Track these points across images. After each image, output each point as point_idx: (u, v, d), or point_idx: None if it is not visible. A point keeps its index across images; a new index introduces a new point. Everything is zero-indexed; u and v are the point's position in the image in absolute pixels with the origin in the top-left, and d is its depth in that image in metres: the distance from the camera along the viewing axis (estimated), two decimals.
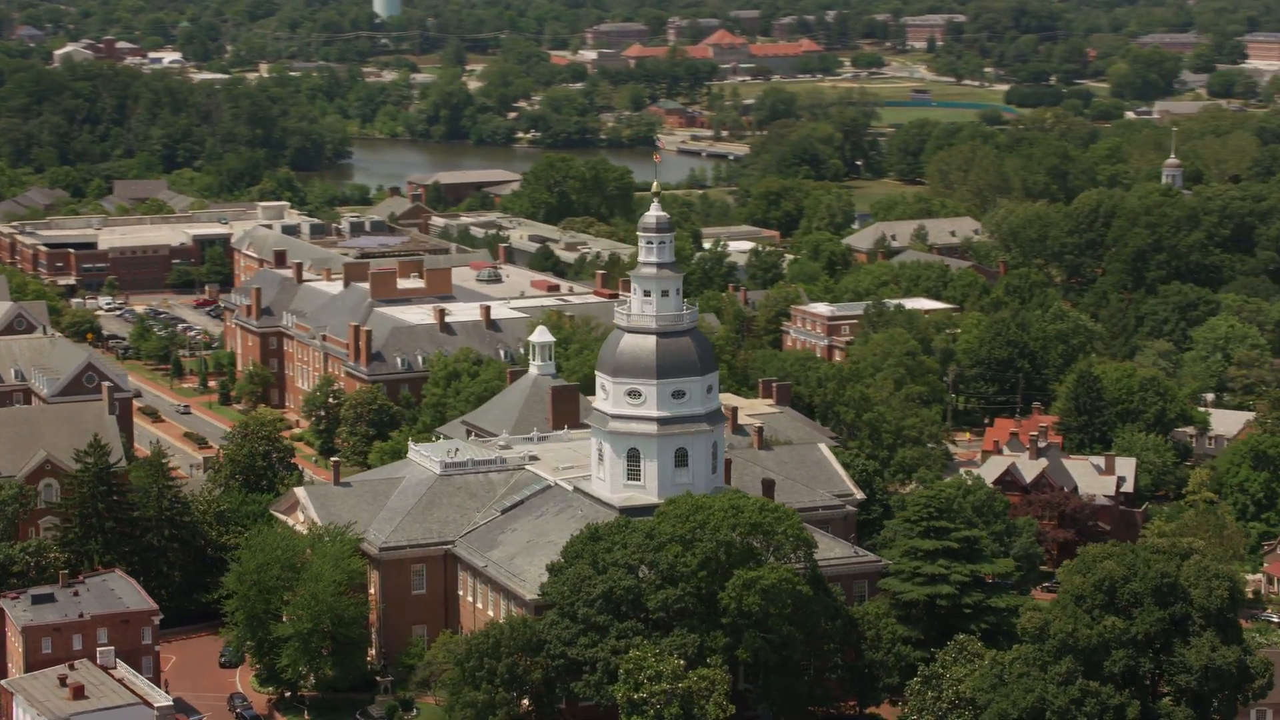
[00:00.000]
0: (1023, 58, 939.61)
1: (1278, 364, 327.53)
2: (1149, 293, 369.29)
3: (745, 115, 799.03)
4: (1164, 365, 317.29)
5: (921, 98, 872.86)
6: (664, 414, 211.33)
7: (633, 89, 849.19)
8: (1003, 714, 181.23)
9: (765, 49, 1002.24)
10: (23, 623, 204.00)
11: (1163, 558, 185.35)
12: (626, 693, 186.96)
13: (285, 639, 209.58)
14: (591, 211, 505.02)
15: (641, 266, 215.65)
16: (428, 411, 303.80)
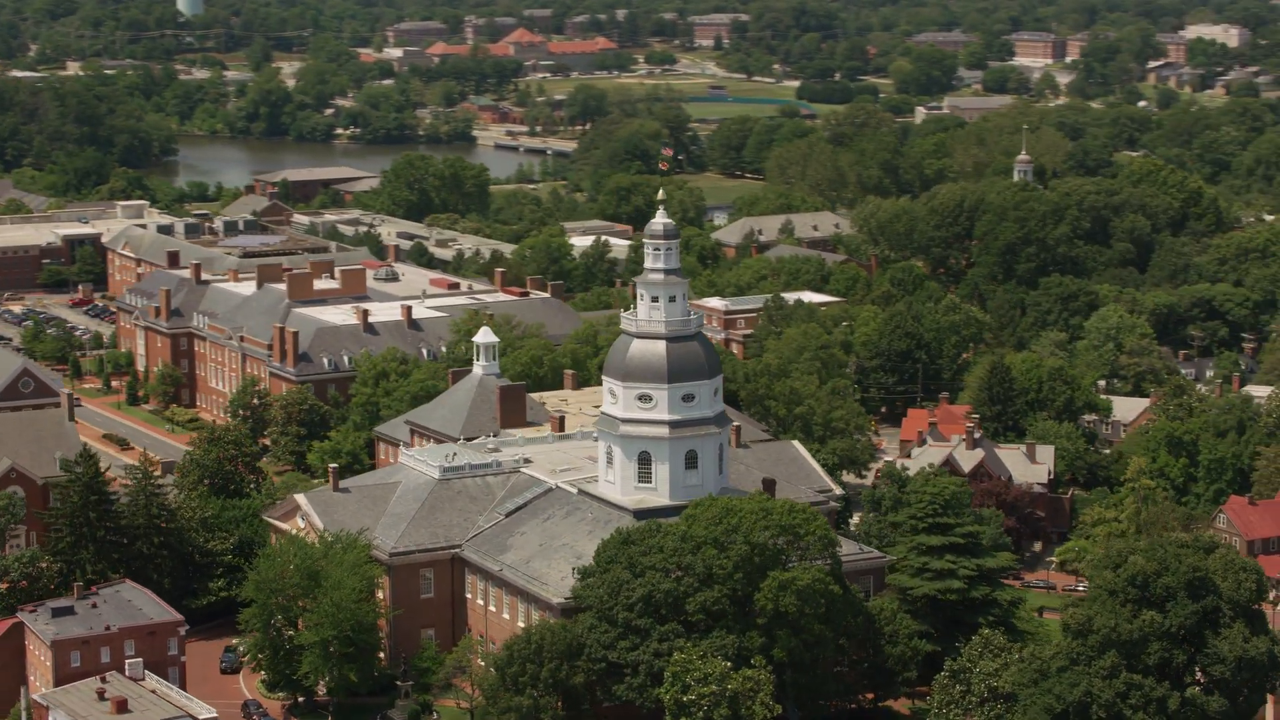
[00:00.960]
0: (808, 55, 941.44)
1: (1164, 352, 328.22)
2: (1020, 284, 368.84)
3: (558, 110, 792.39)
4: (1060, 355, 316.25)
5: (718, 93, 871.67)
6: (675, 417, 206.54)
7: (445, 86, 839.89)
8: (1048, 708, 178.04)
9: (563, 47, 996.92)
10: (52, 636, 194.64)
11: (1190, 552, 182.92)
12: (674, 695, 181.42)
13: (307, 646, 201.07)
14: (450, 208, 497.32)
15: (649, 273, 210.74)
16: (357, 411, 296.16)
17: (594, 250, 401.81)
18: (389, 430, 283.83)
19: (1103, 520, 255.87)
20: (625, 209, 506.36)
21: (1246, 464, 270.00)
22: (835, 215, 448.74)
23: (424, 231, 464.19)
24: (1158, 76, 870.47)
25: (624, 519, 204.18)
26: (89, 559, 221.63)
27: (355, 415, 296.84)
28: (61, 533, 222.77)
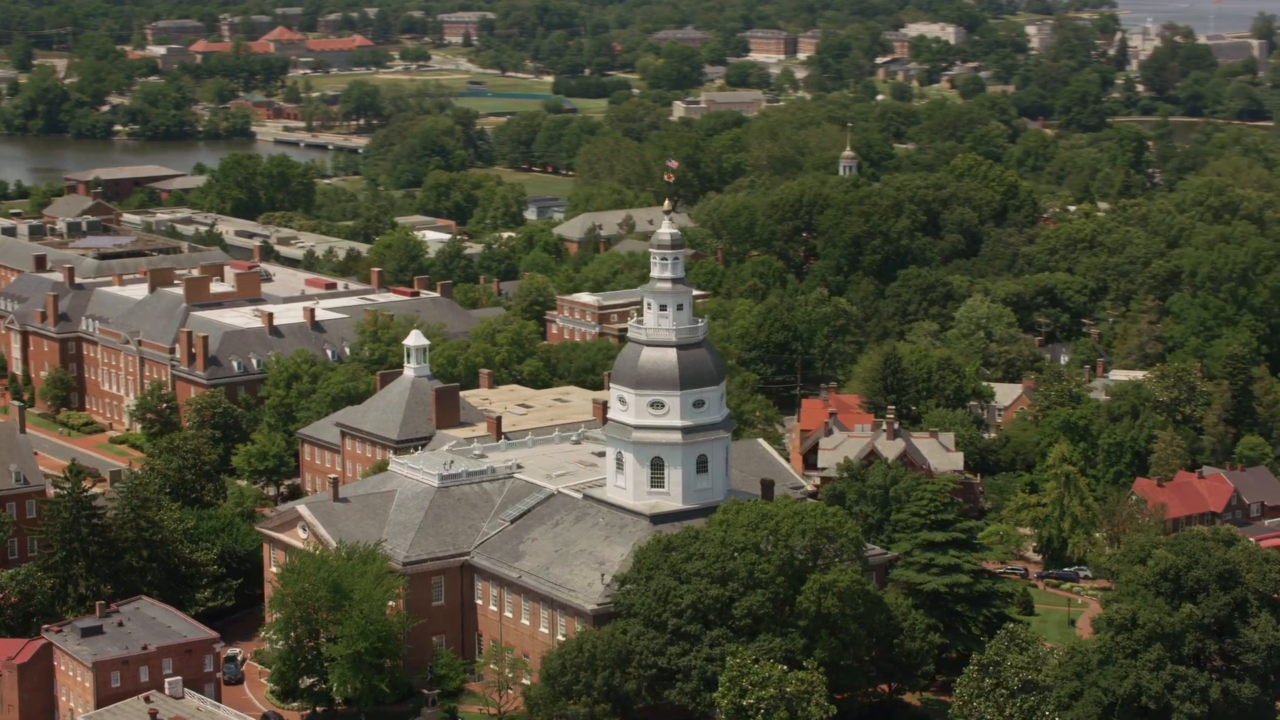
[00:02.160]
0: (557, 52, 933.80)
1: (1029, 339, 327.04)
2: (867, 276, 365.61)
3: (332, 105, 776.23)
4: (937, 345, 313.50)
5: (478, 89, 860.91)
6: (687, 423, 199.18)
7: (217, 83, 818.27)
8: (1098, 701, 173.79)
9: (322, 44, 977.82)
10: (92, 657, 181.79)
11: (1215, 545, 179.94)
12: (732, 699, 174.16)
13: (336, 658, 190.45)
14: (277, 206, 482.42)
15: (656, 282, 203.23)
16: (271, 414, 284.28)
17: (450, 248, 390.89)
18: (315, 432, 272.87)
19: (1027, 505, 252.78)
20: (445, 204, 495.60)
21: (1143, 447, 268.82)
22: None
23: (262, 230, 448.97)
24: (886, 71, 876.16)
25: (639, 524, 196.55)
26: (81, 574, 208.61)
27: (269, 418, 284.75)
28: (53, 548, 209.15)
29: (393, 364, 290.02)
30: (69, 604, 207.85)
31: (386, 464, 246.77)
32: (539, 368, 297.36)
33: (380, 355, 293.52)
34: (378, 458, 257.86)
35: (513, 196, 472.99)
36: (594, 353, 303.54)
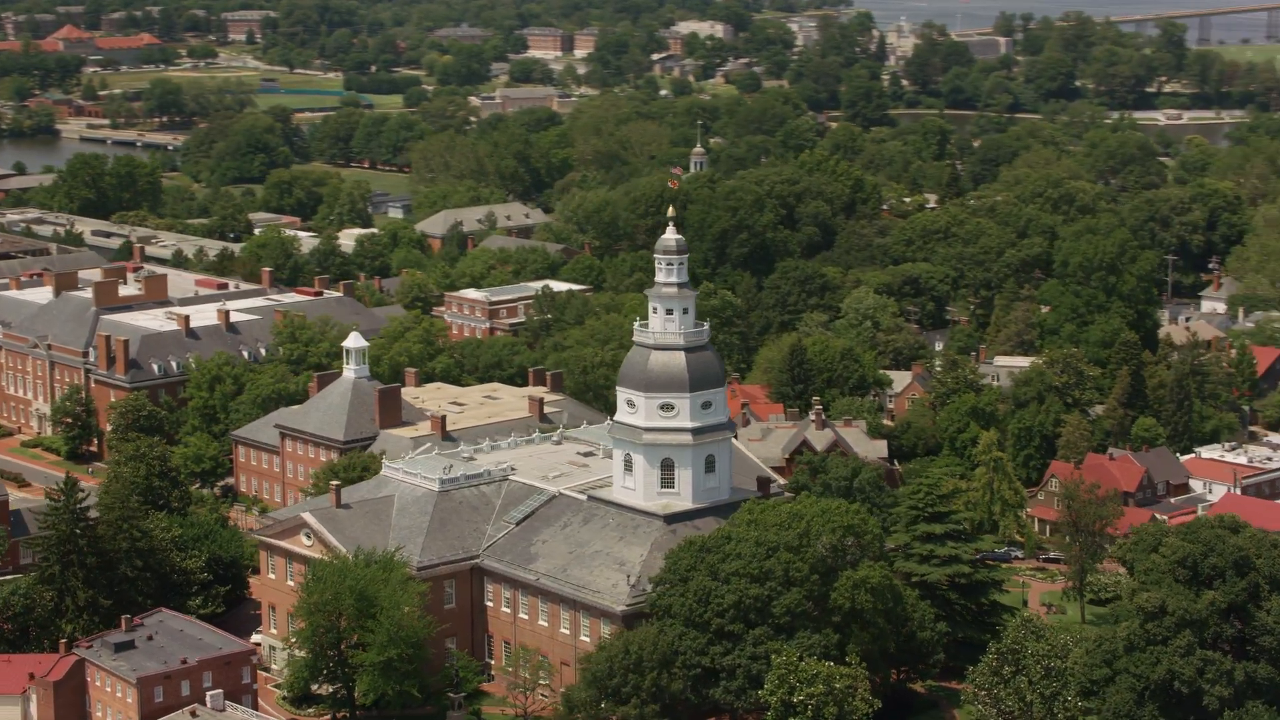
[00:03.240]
0: (343, 49, 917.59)
1: (913, 328, 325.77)
2: (736, 268, 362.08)
3: (135, 102, 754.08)
4: (827, 334, 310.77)
5: (271, 85, 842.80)
6: (697, 424, 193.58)
7: (15, 81, 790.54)
8: (1131, 687, 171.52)
9: (111, 42, 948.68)
10: (135, 673, 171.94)
11: (1225, 532, 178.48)
12: (781, 696, 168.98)
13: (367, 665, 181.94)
14: (125, 205, 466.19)
15: (661, 286, 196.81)
16: (194, 416, 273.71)
17: (324, 245, 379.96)
18: (250, 434, 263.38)
19: (958, 491, 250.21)
20: (288, 201, 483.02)
21: (1050, 431, 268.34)
22: (524, 206, 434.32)
23: (120, 230, 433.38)
24: (662, 68, 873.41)
25: (653, 524, 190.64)
26: (79, 586, 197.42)
27: (193, 420, 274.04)
28: (49, 561, 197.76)
29: (311, 364, 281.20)
30: (67, 616, 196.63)
31: (333, 465, 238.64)
32: (450, 364, 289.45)
33: (299, 356, 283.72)
34: (321, 459, 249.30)
35: (358, 193, 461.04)
36: (499, 348, 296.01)
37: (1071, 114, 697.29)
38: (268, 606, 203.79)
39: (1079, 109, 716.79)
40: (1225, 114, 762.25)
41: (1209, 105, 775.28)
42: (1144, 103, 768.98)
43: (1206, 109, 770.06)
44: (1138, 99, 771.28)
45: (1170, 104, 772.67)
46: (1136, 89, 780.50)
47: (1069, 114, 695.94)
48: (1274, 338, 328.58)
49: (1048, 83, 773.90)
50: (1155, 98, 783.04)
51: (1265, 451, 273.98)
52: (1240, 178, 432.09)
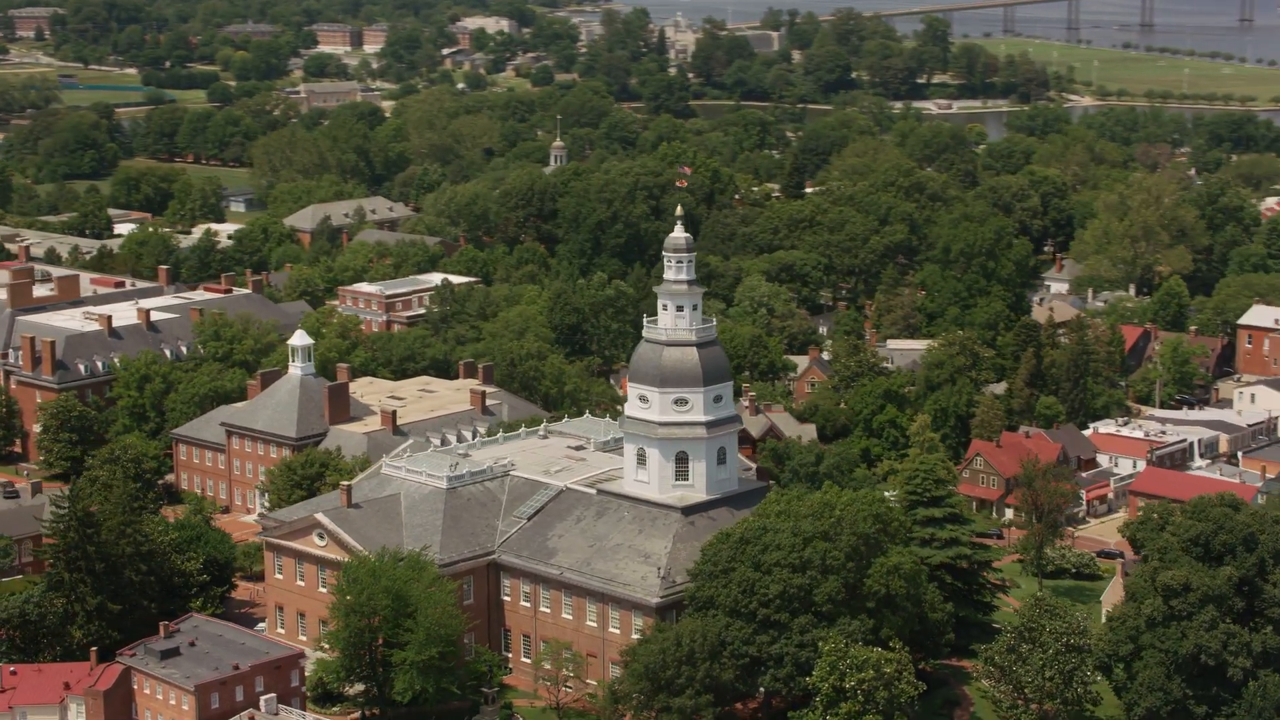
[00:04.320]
0: (137, 45, 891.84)
1: (803, 314, 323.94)
2: (613, 258, 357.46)
3: None
4: (724, 321, 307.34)
5: (69, 81, 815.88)
6: (710, 418, 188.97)
7: None
8: (1161, 662, 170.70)
9: None
10: (194, 680, 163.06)
11: (1229, 510, 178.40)
12: (832, 682, 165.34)
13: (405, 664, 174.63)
14: None
15: (671, 284, 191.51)
16: (123, 415, 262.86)
17: (204, 242, 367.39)
18: (192, 432, 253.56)
19: (894, 471, 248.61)
20: (136, 197, 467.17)
21: (964, 411, 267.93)
22: (387, 200, 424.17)
23: None
24: (453, 62, 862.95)
25: (670, 516, 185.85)
26: (88, 593, 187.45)
27: (123, 419, 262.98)
28: (57, 567, 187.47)
29: (237, 362, 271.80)
30: (77, 622, 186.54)
31: (287, 461, 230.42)
32: (367, 359, 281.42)
33: (224, 354, 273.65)
34: (272, 456, 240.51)
35: (210, 189, 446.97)
36: (411, 341, 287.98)
37: (855, 103, 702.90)
38: (274, 606, 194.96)
39: (856, 99, 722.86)
40: (990, 103, 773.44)
41: (975, 95, 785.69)
42: (916, 93, 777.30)
43: (974, 99, 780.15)
44: (910, 90, 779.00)
45: (940, 94, 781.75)
46: (908, 80, 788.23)
47: (852, 104, 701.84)
48: (1124, 317, 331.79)
49: (826, 75, 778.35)
50: (926, 89, 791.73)
51: (1157, 425, 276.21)
52: (1062, 165, 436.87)
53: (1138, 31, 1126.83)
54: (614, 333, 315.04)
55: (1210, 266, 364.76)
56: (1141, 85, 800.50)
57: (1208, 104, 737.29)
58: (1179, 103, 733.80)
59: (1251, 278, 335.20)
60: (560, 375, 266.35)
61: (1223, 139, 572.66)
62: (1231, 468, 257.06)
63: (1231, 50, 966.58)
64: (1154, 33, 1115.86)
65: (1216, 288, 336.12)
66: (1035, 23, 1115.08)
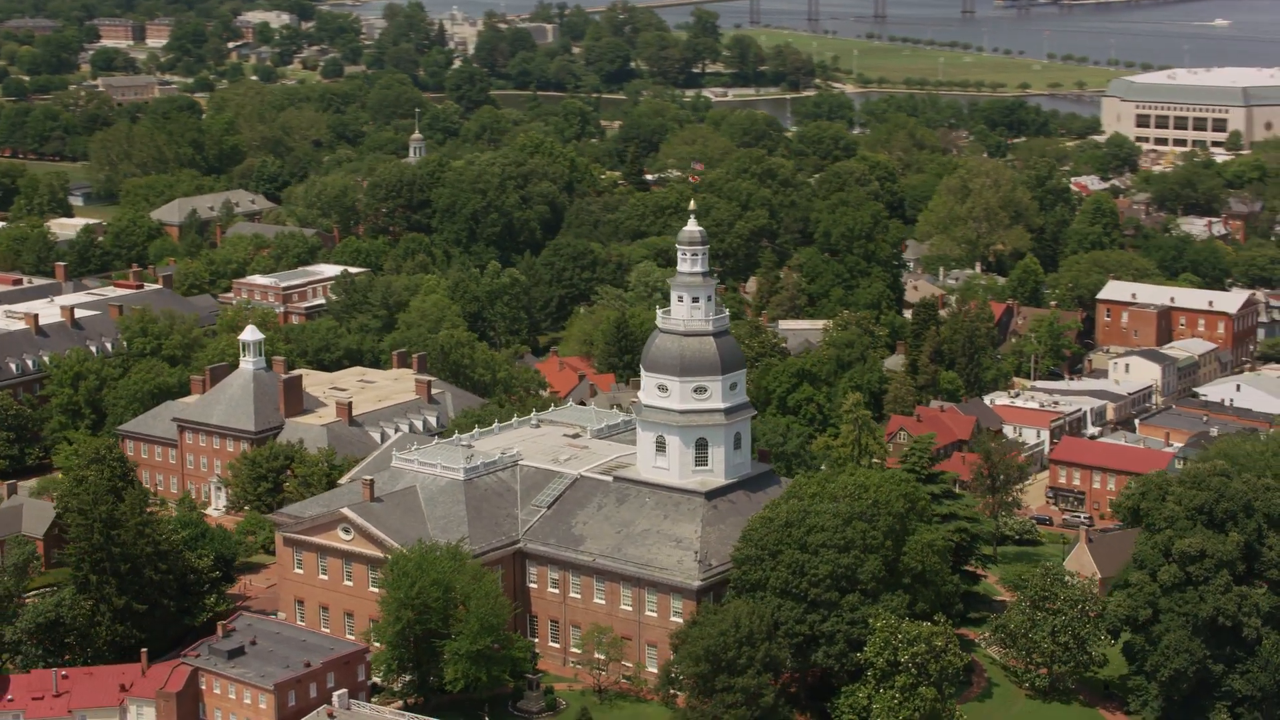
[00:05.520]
0: None
1: None
2: (490, 247, 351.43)
3: None
4: (620, 305, 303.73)
5: None
6: (727, 405, 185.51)
7: None
8: (1182, 626, 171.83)
9: None
10: (273, 679, 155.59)
11: (1225, 479, 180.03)
12: (886, 657, 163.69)
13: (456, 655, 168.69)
14: None
15: (684, 276, 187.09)
16: (58, 413, 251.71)
17: (81, 238, 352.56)
18: (140, 428, 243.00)
19: (829, 447, 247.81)
20: None
21: (877, 388, 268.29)
22: (250, 194, 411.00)
23: None
24: (239, 55, 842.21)
25: (694, 500, 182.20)
26: (113, 594, 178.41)
27: (58, 417, 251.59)
28: (83, 569, 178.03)
29: (166, 357, 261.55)
30: (104, 624, 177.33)
31: (249, 454, 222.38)
32: (289, 351, 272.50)
33: (151, 350, 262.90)
34: (229, 450, 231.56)
35: (58, 183, 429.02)
36: (324, 333, 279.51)
37: (628, 92, 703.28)
38: (294, 601, 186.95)
39: (636, 87, 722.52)
40: (763, 91, 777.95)
41: (748, 84, 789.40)
42: (692, 82, 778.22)
43: (746, 87, 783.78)
44: (687, 79, 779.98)
45: (715, 83, 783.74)
46: (685, 70, 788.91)
47: (624, 92, 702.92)
48: (982, 294, 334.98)
49: (607, 65, 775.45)
50: (702, 78, 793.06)
51: (1047, 396, 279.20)
52: (887, 151, 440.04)
53: (872, 22, 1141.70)
54: (508, 319, 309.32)
55: (1043, 244, 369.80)
56: (899, 74, 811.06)
57: (977, 91, 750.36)
58: (934, 89, 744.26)
59: (1099, 254, 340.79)
60: (491, 362, 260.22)
61: (997, 123, 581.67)
62: (1134, 435, 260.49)
63: (962, 39, 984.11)
64: (887, 24, 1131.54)
65: (1066, 265, 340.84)
66: (780, 14, 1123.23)
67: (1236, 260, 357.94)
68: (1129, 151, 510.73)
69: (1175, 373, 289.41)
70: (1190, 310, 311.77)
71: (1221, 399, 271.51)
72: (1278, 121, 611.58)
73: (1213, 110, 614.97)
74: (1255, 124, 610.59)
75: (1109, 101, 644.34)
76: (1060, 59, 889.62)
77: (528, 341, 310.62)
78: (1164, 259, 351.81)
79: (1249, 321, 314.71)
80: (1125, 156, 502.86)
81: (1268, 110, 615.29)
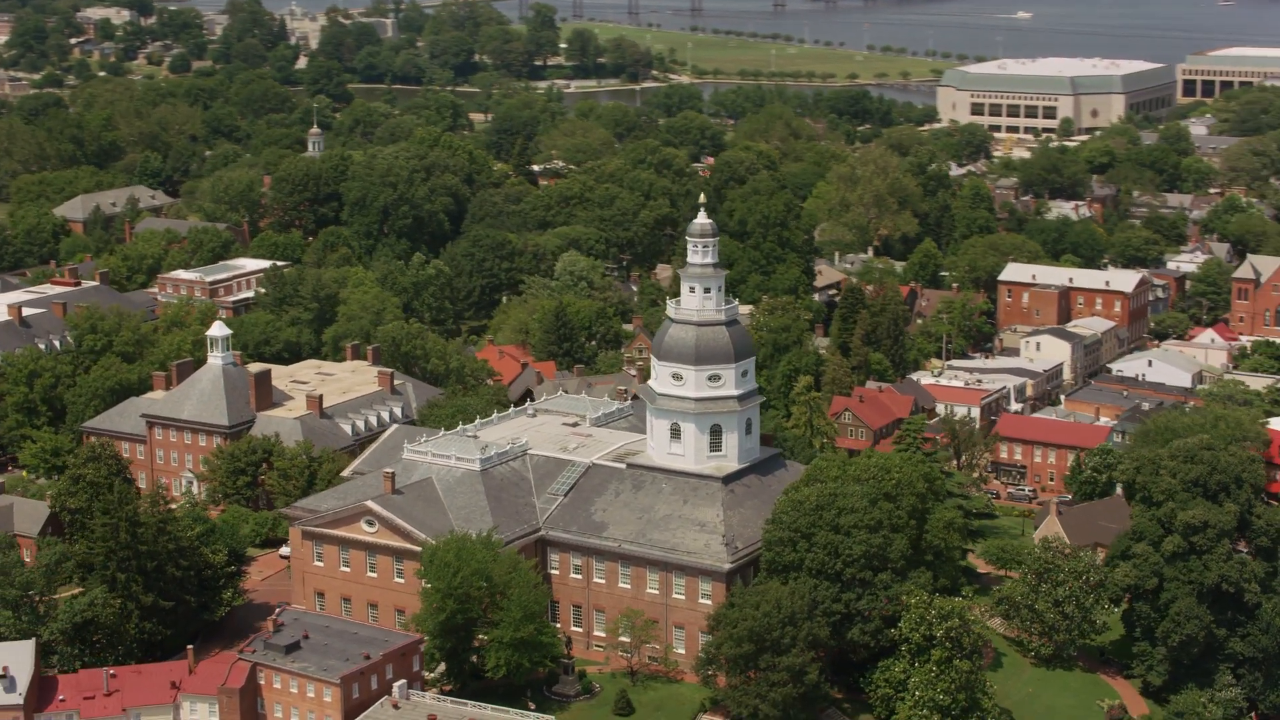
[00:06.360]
0: None
1: (619, 285, 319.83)
2: (401, 239, 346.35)
3: None
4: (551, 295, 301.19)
5: None
6: (740, 391, 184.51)
7: None
8: (1189, 593, 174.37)
9: None
10: (337, 672, 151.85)
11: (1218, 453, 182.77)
12: (923, 631, 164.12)
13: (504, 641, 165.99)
14: None
15: (695, 267, 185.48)
16: (14, 411, 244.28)
17: None
18: (105, 424, 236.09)
19: (781, 428, 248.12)
20: None
21: (813, 370, 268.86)
22: (150, 190, 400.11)
23: None
24: (81, 50, 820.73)
25: (712, 485, 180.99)
26: (140, 591, 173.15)
27: (14, 415, 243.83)
28: (109, 568, 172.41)
29: (117, 354, 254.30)
30: (133, 622, 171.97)
31: (227, 449, 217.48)
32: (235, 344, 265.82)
33: (102, 346, 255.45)
34: (201, 444, 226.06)
35: None
36: (263, 327, 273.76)
37: (479, 85, 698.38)
38: (314, 593, 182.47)
39: (482, 80, 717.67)
40: (603, 83, 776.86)
41: (588, 75, 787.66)
42: (535, 74, 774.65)
43: (587, 79, 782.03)
44: (530, 71, 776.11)
45: (556, 75, 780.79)
46: (528, 63, 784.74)
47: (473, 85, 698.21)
48: (877, 277, 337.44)
49: (452, 59, 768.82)
50: (544, 70, 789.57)
51: (967, 375, 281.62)
52: (766, 140, 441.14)
53: (689, 15, 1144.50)
54: (434, 309, 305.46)
55: (928, 229, 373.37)
56: (732, 65, 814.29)
57: (809, 82, 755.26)
58: (769, 80, 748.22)
59: (994, 238, 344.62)
60: (444, 352, 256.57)
61: (843, 112, 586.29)
62: (1063, 410, 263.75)
63: (783, 31, 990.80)
64: (703, 16, 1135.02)
65: (963, 248, 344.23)
66: (602, 8, 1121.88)
67: (1112, 242, 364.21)
68: (982, 139, 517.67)
69: (1083, 350, 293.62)
70: (1088, 290, 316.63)
71: (1136, 374, 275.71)
72: (1103, 109, 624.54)
73: (1043, 99, 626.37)
74: (1083, 111, 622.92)
75: (944, 91, 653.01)
76: (880, 50, 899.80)
77: (454, 331, 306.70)
78: (1045, 241, 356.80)
79: (1143, 300, 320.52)
80: (979, 144, 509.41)
81: (1094, 98, 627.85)
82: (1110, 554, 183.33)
